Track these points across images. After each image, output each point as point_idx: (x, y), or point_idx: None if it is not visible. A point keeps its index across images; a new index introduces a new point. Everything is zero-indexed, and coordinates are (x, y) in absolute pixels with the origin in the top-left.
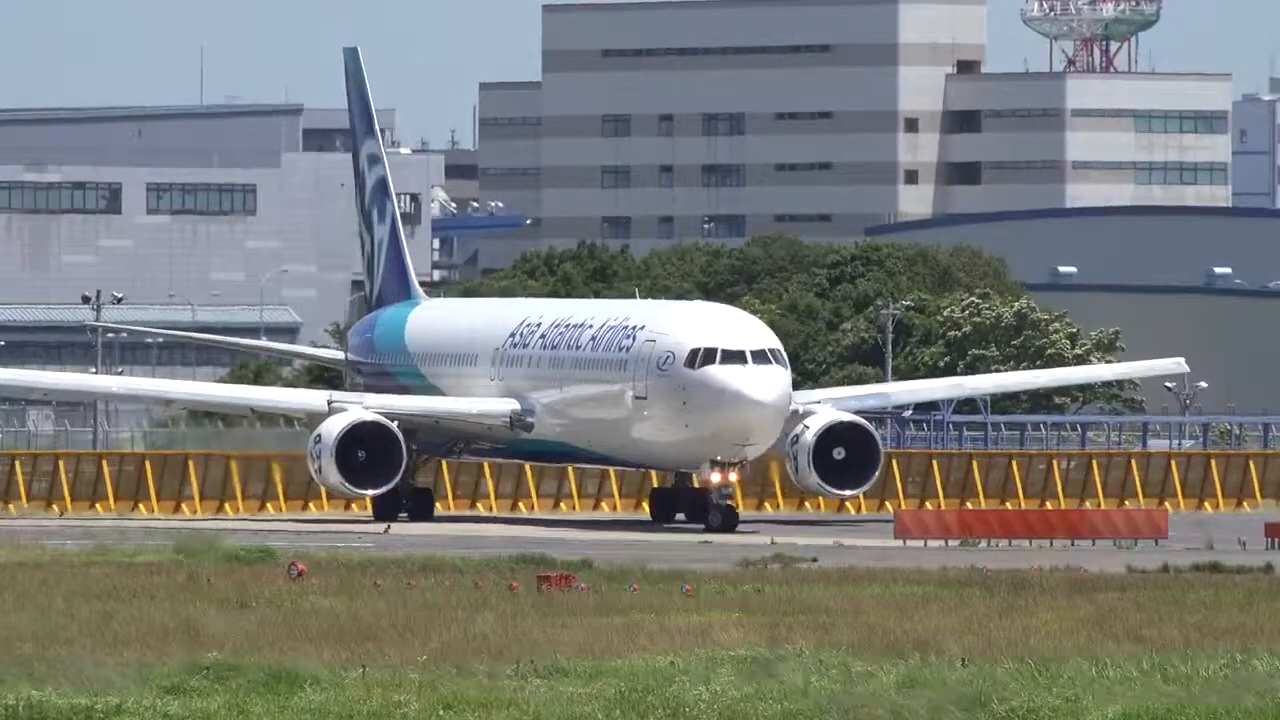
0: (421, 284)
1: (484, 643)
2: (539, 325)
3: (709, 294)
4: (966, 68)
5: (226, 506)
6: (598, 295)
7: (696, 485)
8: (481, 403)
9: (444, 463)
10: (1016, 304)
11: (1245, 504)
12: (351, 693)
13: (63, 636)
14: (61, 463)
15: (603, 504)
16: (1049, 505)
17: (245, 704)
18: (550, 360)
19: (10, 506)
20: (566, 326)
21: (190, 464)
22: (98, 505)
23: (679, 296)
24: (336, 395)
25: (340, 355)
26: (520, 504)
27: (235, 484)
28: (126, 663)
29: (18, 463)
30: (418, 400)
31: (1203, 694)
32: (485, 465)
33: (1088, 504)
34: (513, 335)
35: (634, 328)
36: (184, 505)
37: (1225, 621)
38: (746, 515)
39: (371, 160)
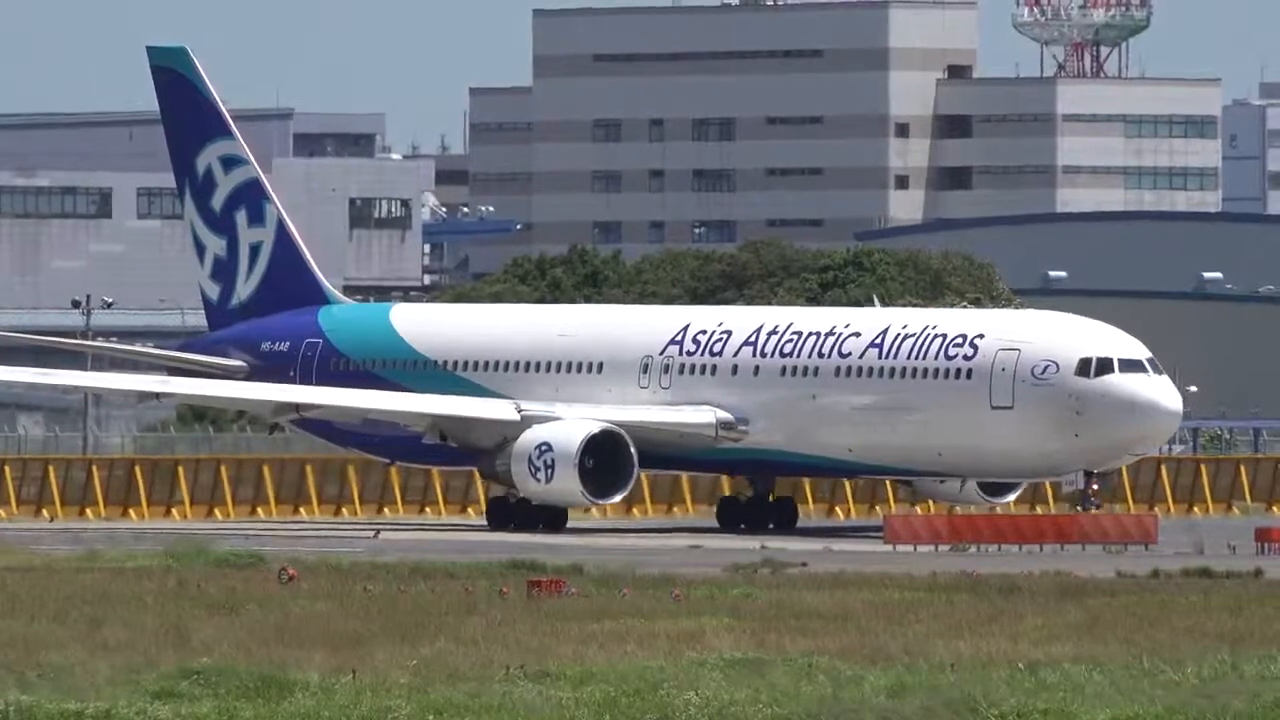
0: (412, 289)
1: (474, 647)
2: (726, 333)
3: (699, 299)
4: (957, 73)
5: (216, 511)
6: (589, 300)
7: (1067, 492)
8: (682, 411)
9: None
10: (1009, 309)
11: (1235, 508)
12: (341, 698)
13: (52, 642)
14: (51, 468)
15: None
16: (1039, 510)
17: (235, 709)
18: (789, 369)
19: (0, 512)
20: (797, 334)
21: (180, 469)
22: (88, 510)
23: (668, 301)
24: (524, 404)
25: (234, 362)
26: None
27: (225, 488)
28: (116, 668)
29: (7, 468)
30: (612, 410)
31: (1192, 698)
32: (475, 472)
33: (1077, 509)
34: (677, 343)
35: (967, 336)
36: (174, 510)
37: (1215, 626)
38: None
39: (229, 162)
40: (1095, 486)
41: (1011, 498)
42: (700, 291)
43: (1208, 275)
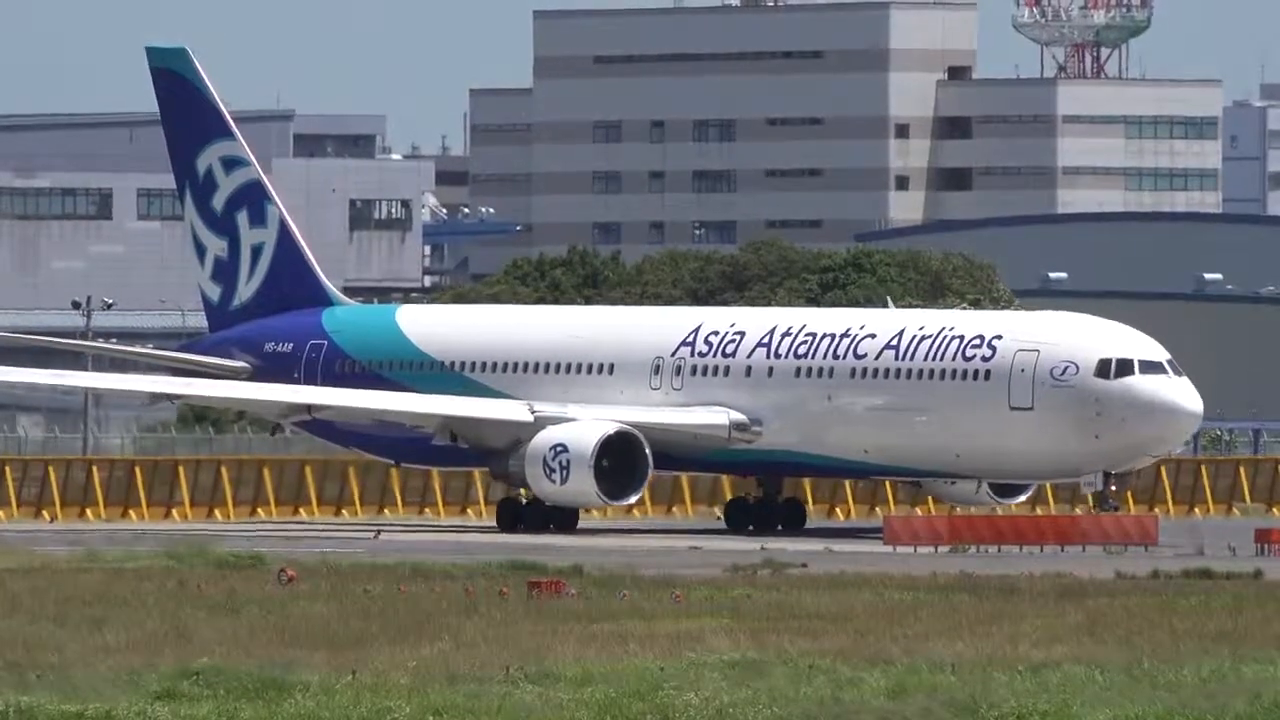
0: (412, 290)
1: (474, 649)
2: (739, 334)
3: (700, 300)
4: (957, 74)
5: (216, 512)
6: (589, 301)
7: (1091, 493)
8: (695, 412)
9: (435, 470)
10: (1010, 310)
11: (1235, 509)
12: (341, 699)
13: (53, 643)
14: (51, 469)
15: None
16: (1039, 511)
17: (235, 710)
18: (803, 370)
19: (0, 513)
20: (811, 335)
21: (180, 469)
22: (88, 511)
23: (669, 303)
24: (537, 405)
25: (237, 364)
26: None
27: (226, 489)
28: (116, 668)
29: (8, 469)
30: (626, 411)
31: (1192, 699)
32: (475, 474)
33: (1078, 510)
34: (688, 344)
35: (985, 337)
36: (174, 511)
37: (1215, 627)
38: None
39: (230, 163)
40: (1114, 488)
41: (1022, 499)
42: (701, 293)
43: (1208, 276)
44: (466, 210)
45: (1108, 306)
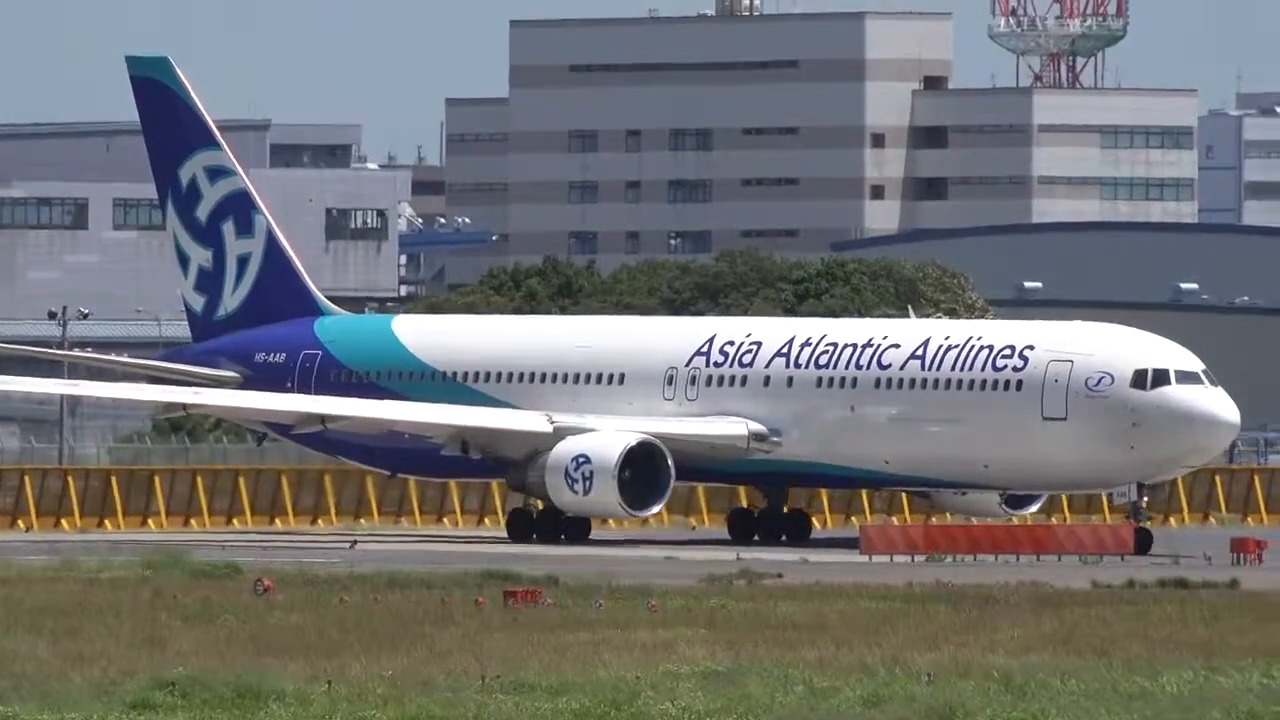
0: (388, 300)
1: (450, 658)
2: (755, 344)
3: (675, 310)
4: (933, 83)
5: (192, 521)
6: (564, 311)
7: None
8: (714, 422)
9: (412, 480)
10: (985, 319)
11: (1211, 519)
12: (317, 708)
13: (27, 652)
14: (27, 478)
15: (486, 520)
16: (1015, 521)
17: (211, 719)
18: (824, 380)
19: None
20: (833, 345)
21: (156, 479)
22: (63, 521)
23: (644, 313)
24: (556, 416)
25: (226, 373)
26: (486, 519)
27: (201, 499)
28: (92, 678)
29: None
30: (645, 421)
31: (1168, 709)
32: (451, 484)
33: (1054, 519)
34: (703, 354)
35: (1016, 347)
36: (150, 521)
37: (1191, 636)
38: (713, 533)
39: (215, 173)
40: (1146, 499)
41: (1033, 509)
42: (676, 303)
43: (1183, 286)
44: (442, 220)
45: (1083, 316)
